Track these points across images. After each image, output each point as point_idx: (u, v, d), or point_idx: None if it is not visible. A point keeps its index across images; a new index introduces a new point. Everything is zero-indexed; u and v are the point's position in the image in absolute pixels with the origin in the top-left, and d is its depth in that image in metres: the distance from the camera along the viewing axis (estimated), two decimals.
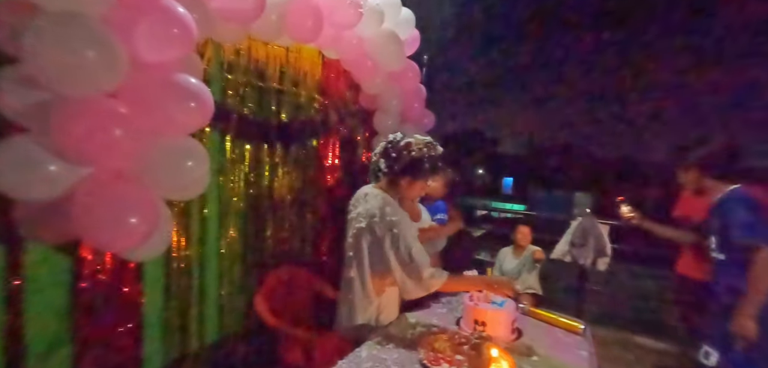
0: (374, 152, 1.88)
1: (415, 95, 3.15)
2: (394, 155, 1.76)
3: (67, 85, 1.00)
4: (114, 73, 1.06)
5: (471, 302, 1.85)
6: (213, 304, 2.22)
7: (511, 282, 1.85)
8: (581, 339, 1.86)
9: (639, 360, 3.33)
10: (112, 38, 1.04)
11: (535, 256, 3.56)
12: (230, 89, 2.17)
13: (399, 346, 1.64)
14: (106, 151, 1.06)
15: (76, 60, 0.99)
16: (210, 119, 1.31)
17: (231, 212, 2.28)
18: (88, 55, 1.00)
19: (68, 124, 1.00)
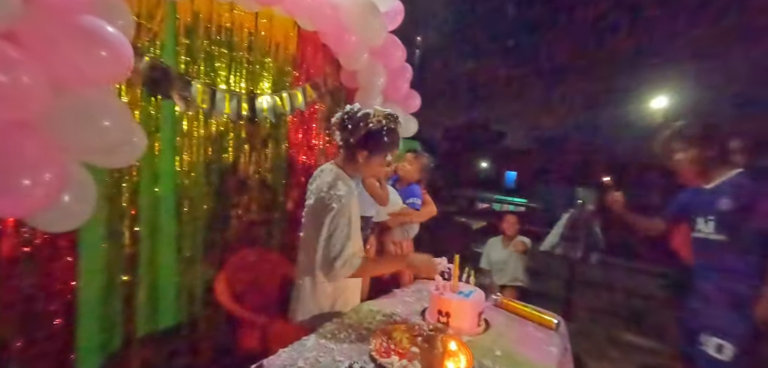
0: (331, 124, 1.73)
1: (399, 74, 2.98)
2: (350, 127, 1.60)
3: None
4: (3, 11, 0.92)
5: (436, 292, 1.72)
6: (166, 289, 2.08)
7: (433, 262, 1.69)
8: (553, 335, 1.72)
9: (625, 356, 3.19)
10: None
11: (517, 248, 3.45)
12: (188, 55, 2.00)
13: (352, 336, 1.52)
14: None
15: None
16: (127, 72, 1.16)
17: (188, 191, 2.13)
18: None
19: None
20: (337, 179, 1.58)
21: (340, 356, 1.37)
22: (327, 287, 1.66)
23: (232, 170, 2.36)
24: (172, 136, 2.01)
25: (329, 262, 1.50)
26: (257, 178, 2.51)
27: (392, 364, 1.31)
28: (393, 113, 1.67)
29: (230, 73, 2.26)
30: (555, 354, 1.57)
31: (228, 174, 2.35)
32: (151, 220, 1.93)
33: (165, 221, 2.00)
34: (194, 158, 2.14)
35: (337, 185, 1.56)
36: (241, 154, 2.40)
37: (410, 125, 3.14)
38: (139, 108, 1.81)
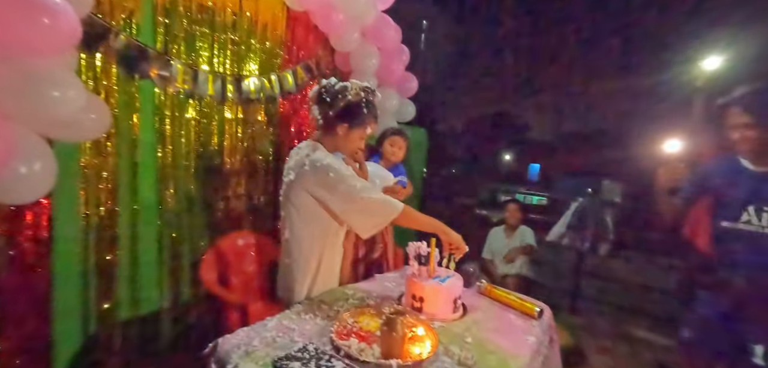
0: (308, 99, 1.69)
1: (394, 56, 2.90)
2: (328, 100, 1.58)
3: None
4: None
5: (411, 276, 1.65)
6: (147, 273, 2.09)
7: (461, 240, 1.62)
8: (534, 324, 1.62)
9: (635, 354, 3.01)
10: None
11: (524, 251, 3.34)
12: (167, 35, 1.99)
13: (318, 317, 1.48)
14: None
15: None
16: (73, 41, 1.15)
17: (172, 174, 2.13)
18: None
19: None
20: (314, 150, 1.57)
21: (299, 337, 1.32)
22: (309, 264, 1.64)
23: (218, 152, 2.35)
24: (152, 116, 2.01)
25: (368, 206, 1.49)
26: (245, 161, 2.49)
27: (349, 346, 1.25)
28: (370, 86, 1.65)
29: (214, 55, 2.23)
30: (532, 343, 1.47)
31: (214, 157, 2.34)
32: (130, 201, 1.94)
33: (146, 202, 2.01)
34: (176, 140, 2.13)
35: (318, 155, 1.54)
36: (227, 136, 2.38)
37: (407, 109, 3.05)
38: (117, 87, 1.82)
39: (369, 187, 1.53)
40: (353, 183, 1.49)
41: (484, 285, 1.89)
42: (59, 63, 1.20)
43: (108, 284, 1.92)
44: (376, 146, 2.40)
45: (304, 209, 1.57)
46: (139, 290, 2.05)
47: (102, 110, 1.49)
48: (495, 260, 3.49)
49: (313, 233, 1.60)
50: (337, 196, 1.49)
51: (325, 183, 1.49)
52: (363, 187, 1.50)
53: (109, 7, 1.73)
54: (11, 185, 1.17)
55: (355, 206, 1.49)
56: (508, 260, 3.37)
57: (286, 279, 1.69)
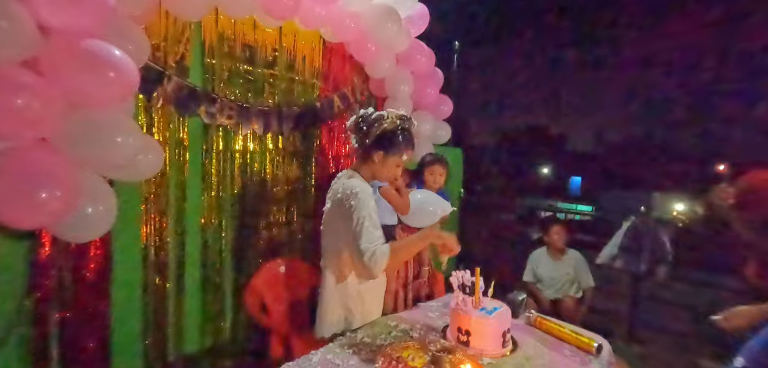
0: (346, 129, 1.73)
1: (428, 79, 2.90)
2: (365, 129, 1.62)
3: None
4: (16, 41, 1.02)
5: (456, 308, 1.59)
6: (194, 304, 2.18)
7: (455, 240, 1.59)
8: (593, 360, 1.50)
9: None
10: (13, 5, 0.99)
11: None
12: (211, 74, 2.11)
13: (362, 352, 1.45)
14: (10, 120, 1.02)
15: None
16: (134, 90, 1.23)
17: (217, 204, 2.22)
18: None
19: None
20: (350, 177, 1.61)
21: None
22: (347, 292, 1.64)
23: (261, 182, 2.43)
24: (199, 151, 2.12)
25: (360, 257, 1.48)
26: (287, 190, 2.56)
27: None
28: (406, 114, 1.68)
29: (256, 89, 2.34)
30: None
31: (258, 187, 2.42)
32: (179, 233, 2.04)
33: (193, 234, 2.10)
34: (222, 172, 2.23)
35: (351, 183, 1.56)
36: (270, 167, 2.46)
37: (442, 132, 3.03)
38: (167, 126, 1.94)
39: (376, 238, 1.49)
40: (362, 223, 1.47)
41: (534, 316, 1.79)
42: (120, 110, 1.29)
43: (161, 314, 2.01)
44: (417, 172, 2.39)
45: (338, 237, 1.58)
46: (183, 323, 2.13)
47: (156, 150, 1.59)
48: (541, 286, 3.29)
49: (347, 262, 1.59)
50: (349, 226, 1.49)
51: (348, 209, 1.50)
52: (369, 236, 1.47)
53: (163, 54, 1.87)
54: (79, 224, 1.26)
55: (355, 247, 1.48)
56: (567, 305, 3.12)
57: (322, 308, 1.69)
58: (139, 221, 1.86)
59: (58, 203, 1.10)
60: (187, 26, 1.94)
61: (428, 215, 2.14)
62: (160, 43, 1.85)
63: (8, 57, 1.03)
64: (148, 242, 1.93)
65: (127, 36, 1.35)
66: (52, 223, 1.16)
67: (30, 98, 1.04)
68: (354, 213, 1.49)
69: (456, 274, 1.67)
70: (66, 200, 1.12)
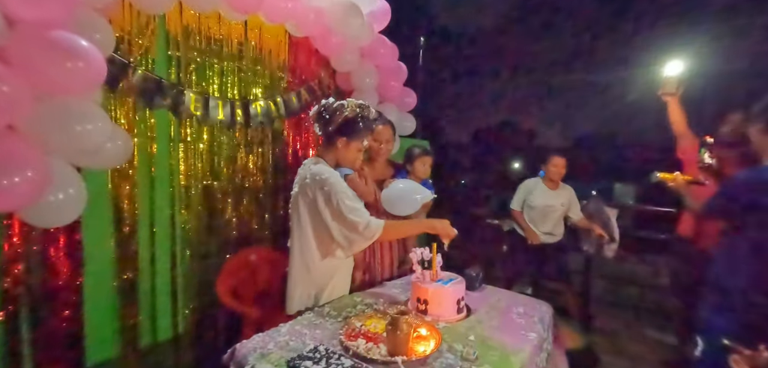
0: (309, 117, 1.83)
1: (392, 73, 3.03)
2: (327, 117, 1.72)
3: None
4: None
5: (415, 280, 1.73)
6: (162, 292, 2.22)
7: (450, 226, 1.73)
8: (535, 322, 1.67)
9: (651, 351, 3.01)
10: None
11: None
12: (177, 67, 2.15)
13: (328, 323, 1.56)
14: None
15: None
16: (101, 79, 1.29)
17: (184, 195, 2.26)
18: None
19: None
20: (315, 164, 1.70)
21: (311, 340, 1.41)
22: (314, 270, 1.73)
23: (228, 173, 2.48)
24: (168, 142, 2.16)
25: (354, 227, 1.57)
26: (254, 180, 2.62)
27: (358, 346, 1.34)
28: (365, 103, 1.78)
29: (222, 82, 2.39)
30: (533, 339, 1.53)
31: (224, 178, 2.47)
32: (149, 222, 2.08)
33: (160, 224, 2.14)
34: (190, 163, 2.27)
35: (318, 169, 1.66)
36: (237, 158, 2.52)
37: (407, 123, 3.16)
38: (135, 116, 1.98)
39: (359, 209, 1.61)
40: (344, 200, 1.58)
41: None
42: (87, 99, 1.34)
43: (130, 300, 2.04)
44: (403, 164, 2.49)
45: (305, 219, 1.68)
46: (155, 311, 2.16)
47: (125, 138, 1.63)
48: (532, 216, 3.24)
49: (314, 243, 1.69)
50: (328, 208, 1.59)
51: (321, 194, 1.60)
52: (353, 207, 1.59)
53: (127, 46, 1.90)
54: (48, 210, 1.30)
55: (341, 224, 1.59)
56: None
57: (291, 288, 1.78)
58: (109, 209, 1.88)
59: (27, 187, 1.14)
60: (152, 19, 1.97)
61: (410, 202, 2.23)
62: (124, 36, 1.88)
63: None
64: (119, 230, 1.96)
65: (93, 27, 1.39)
66: (21, 207, 1.20)
67: (1, 86, 1.08)
68: (332, 196, 1.58)
69: (415, 250, 1.81)
70: (34, 185, 1.16)
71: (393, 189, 2.21)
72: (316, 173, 1.64)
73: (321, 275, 1.76)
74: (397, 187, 2.23)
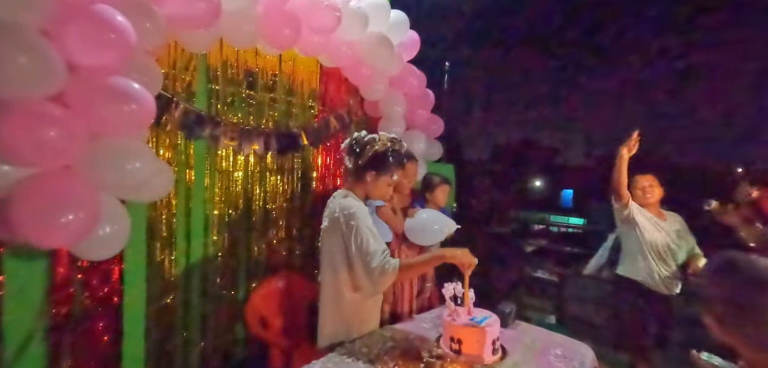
0: (340, 151, 1.84)
1: (420, 101, 3.05)
2: (358, 151, 1.73)
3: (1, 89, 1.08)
4: (47, 78, 1.13)
5: (448, 318, 1.69)
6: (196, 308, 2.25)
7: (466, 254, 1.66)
8: (576, 366, 1.60)
9: None
10: (45, 45, 1.11)
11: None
12: (216, 99, 2.23)
13: (359, 362, 1.54)
14: (39, 150, 1.13)
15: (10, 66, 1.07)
16: (151, 120, 1.35)
17: (219, 221, 2.32)
18: (20, 61, 1.08)
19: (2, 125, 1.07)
20: (346, 198, 1.69)
21: None
22: (345, 305, 1.72)
23: (261, 199, 2.54)
24: (204, 170, 2.23)
25: (368, 271, 1.55)
26: (286, 207, 2.67)
27: None
28: (396, 137, 1.78)
29: (257, 112, 2.47)
30: None
31: (258, 204, 2.52)
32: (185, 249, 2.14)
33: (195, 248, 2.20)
34: (225, 190, 2.34)
35: (347, 203, 1.65)
36: (270, 185, 2.58)
37: (434, 149, 3.16)
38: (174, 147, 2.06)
39: (377, 251, 1.56)
40: (368, 239, 1.55)
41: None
42: (135, 136, 1.40)
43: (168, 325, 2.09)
44: (421, 192, 2.49)
45: (336, 254, 1.66)
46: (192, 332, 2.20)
47: (167, 172, 1.69)
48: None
49: (345, 277, 1.67)
50: (353, 245, 1.57)
51: (348, 229, 1.59)
52: (375, 250, 1.55)
53: (172, 81, 1.99)
54: (96, 244, 1.35)
55: (361, 265, 1.56)
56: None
57: (322, 322, 1.77)
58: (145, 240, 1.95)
59: (79, 225, 1.19)
60: (194, 55, 2.07)
61: (434, 233, 2.23)
62: (169, 72, 1.98)
63: (39, 92, 1.14)
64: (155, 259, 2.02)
65: (143, 69, 1.47)
66: (73, 243, 1.25)
67: (58, 130, 1.14)
68: (356, 233, 1.57)
69: (447, 286, 1.78)
70: (86, 221, 1.21)
71: (417, 220, 2.21)
72: (346, 207, 1.63)
73: (352, 309, 1.74)
74: (421, 217, 2.22)
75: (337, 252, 1.66)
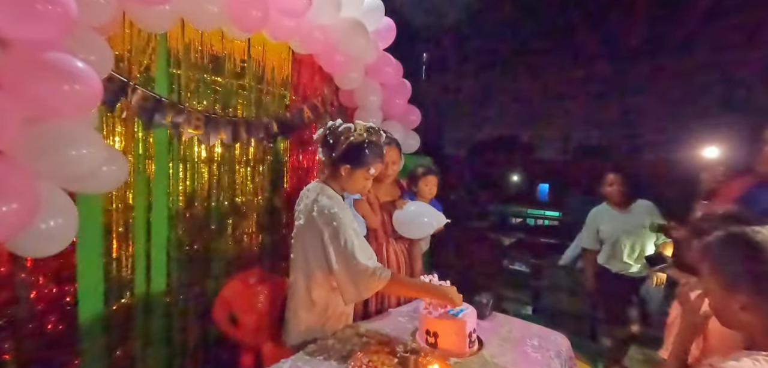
0: (315, 141, 1.74)
1: (397, 91, 2.98)
2: (332, 142, 1.63)
3: None
4: None
5: (424, 311, 1.64)
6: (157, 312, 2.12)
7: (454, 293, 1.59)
8: (552, 357, 1.59)
9: None
10: None
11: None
12: (177, 84, 2.09)
13: (331, 357, 1.48)
14: None
15: None
16: (97, 102, 1.23)
17: (183, 213, 2.19)
18: None
19: None
20: (322, 195, 1.59)
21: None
22: (318, 304, 1.65)
23: (229, 193, 2.41)
24: (166, 161, 2.09)
25: (355, 277, 1.48)
26: (255, 200, 2.55)
27: None
28: (374, 127, 1.68)
29: (224, 99, 2.33)
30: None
31: (225, 197, 2.40)
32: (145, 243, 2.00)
33: (157, 244, 2.06)
34: (189, 182, 2.21)
35: (325, 202, 1.56)
36: (238, 177, 2.45)
37: (411, 141, 3.11)
38: (132, 135, 1.91)
39: (365, 250, 1.52)
40: (352, 240, 1.48)
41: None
42: (82, 121, 1.27)
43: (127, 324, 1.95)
44: (408, 184, 2.41)
45: (311, 253, 1.58)
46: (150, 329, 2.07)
47: (120, 161, 1.56)
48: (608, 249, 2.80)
49: (320, 278, 1.60)
50: (334, 248, 1.49)
51: (328, 229, 1.50)
52: (360, 250, 1.49)
53: (127, 64, 1.84)
54: (36, 239, 1.22)
55: (345, 268, 1.48)
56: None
57: (294, 320, 1.70)
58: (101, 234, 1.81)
59: (14, 216, 1.07)
60: (153, 37, 1.93)
61: (422, 226, 2.16)
62: (124, 54, 1.83)
63: None
64: (111, 256, 1.88)
65: (90, 47, 1.34)
66: (8, 237, 1.12)
67: None
68: (339, 234, 1.49)
69: (424, 278, 1.73)
70: (21, 212, 1.09)
71: (406, 212, 2.14)
72: (325, 206, 1.54)
73: (325, 307, 1.67)
74: (410, 210, 2.16)
75: (312, 252, 1.57)
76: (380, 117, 2.93)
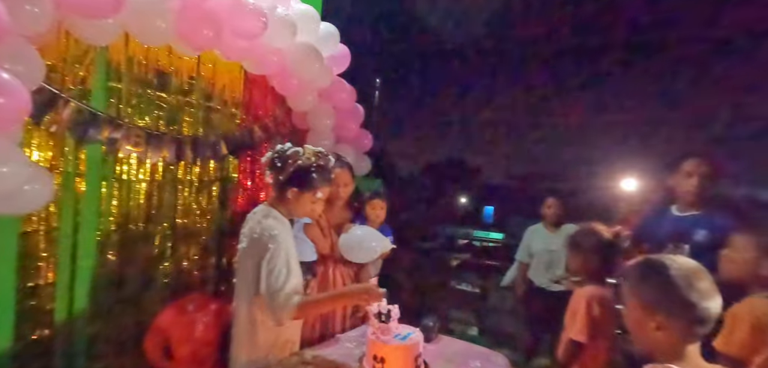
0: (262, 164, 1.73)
1: (350, 115, 3.03)
2: (279, 165, 1.62)
3: None
4: None
5: (372, 336, 1.66)
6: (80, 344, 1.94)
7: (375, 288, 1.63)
8: None
9: None
10: None
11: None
12: (117, 99, 1.97)
13: None
14: None
15: None
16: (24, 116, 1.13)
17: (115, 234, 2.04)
18: None
19: None
20: (268, 217, 1.58)
21: None
22: (262, 331, 1.60)
23: (169, 214, 2.28)
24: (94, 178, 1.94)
25: (271, 304, 1.46)
26: (199, 223, 2.44)
27: None
28: (322, 151, 1.70)
29: (170, 117, 2.23)
30: None
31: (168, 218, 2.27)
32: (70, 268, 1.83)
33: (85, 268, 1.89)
34: (125, 202, 2.06)
35: (269, 223, 1.55)
36: (182, 198, 2.33)
37: (363, 164, 3.16)
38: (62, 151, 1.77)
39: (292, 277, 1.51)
40: (281, 265, 1.47)
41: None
42: (5, 136, 1.16)
43: None
44: (359, 207, 2.41)
45: (251, 277, 1.55)
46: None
47: (45, 179, 1.43)
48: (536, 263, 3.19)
49: (260, 302, 1.56)
50: (265, 271, 1.47)
51: (266, 255, 1.48)
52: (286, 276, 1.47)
53: (60, 75, 1.71)
54: None
55: (267, 292, 1.47)
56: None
57: (237, 347, 1.65)
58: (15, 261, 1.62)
59: None
60: (92, 48, 1.81)
61: (368, 251, 2.16)
62: (57, 64, 1.70)
63: None
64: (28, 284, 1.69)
65: (17, 57, 1.23)
66: None
67: None
68: (271, 257, 1.47)
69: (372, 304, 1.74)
70: None
71: (351, 236, 2.15)
72: (268, 228, 1.53)
73: (268, 335, 1.63)
74: (356, 234, 2.17)
75: (253, 275, 1.54)
76: (332, 140, 2.96)
